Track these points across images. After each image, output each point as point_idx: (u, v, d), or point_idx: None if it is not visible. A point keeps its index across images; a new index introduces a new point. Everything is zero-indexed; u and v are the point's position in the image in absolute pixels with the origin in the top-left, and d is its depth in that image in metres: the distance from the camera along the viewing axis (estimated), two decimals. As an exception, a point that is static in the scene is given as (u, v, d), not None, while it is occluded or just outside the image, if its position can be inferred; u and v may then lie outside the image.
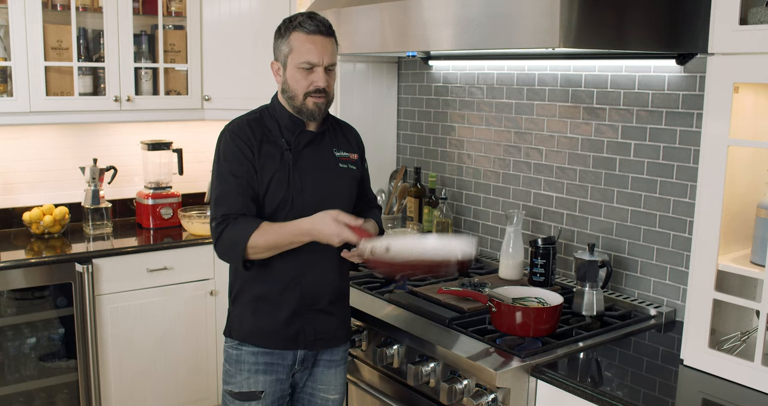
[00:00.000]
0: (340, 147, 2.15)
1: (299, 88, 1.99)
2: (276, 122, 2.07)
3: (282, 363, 2.10)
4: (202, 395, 3.35)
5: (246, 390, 2.08)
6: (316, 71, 1.97)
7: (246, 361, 2.09)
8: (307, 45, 1.96)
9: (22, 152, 3.41)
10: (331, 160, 2.12)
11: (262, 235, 1.93)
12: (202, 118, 3.55)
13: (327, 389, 2.19)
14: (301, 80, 1.98)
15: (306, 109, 2.01)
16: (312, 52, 1.96)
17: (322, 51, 1.96)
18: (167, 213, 3.50)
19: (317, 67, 1.97)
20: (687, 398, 1.82)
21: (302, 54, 1.96)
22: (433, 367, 2.06)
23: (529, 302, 2.15)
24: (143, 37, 3.43)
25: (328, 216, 1.89)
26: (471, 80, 2.99)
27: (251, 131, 2.03)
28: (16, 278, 2.89)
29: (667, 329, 2.26)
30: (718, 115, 1.79)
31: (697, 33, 2.08)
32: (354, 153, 2.18)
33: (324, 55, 1.97)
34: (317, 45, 1.96)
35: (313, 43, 1.96)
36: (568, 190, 2.64)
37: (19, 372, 3.00)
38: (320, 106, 2.01)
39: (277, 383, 2.11)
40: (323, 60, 1.97)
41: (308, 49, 1.96)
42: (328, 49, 1.98)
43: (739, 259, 1.88)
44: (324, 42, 1.97)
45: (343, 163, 2.13)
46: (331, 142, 2.14)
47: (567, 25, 1.82)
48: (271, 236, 1.94)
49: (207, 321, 3.30)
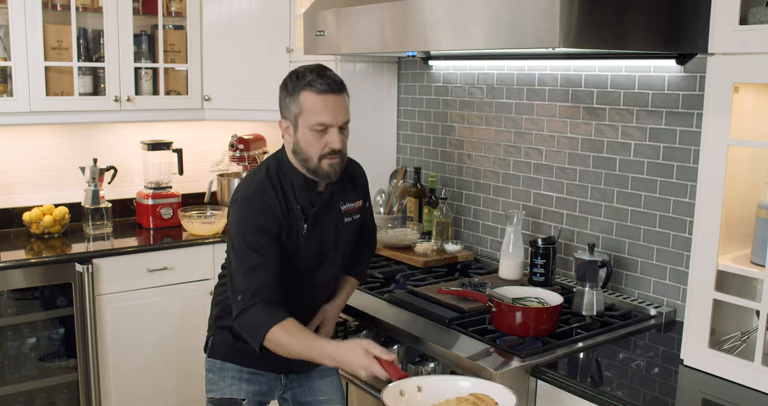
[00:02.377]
0: (346, 199, 2.05)
1: (313, 150, 1.86)
2: (290, 184, 1.93)
3: (266, 374, 2.09)
4: (202, 395, 3.34)
5: (228, 397, 2.06)
6: (331, 132, 1.85)
7: (230, 369, 2.08)
8: (318, 105, 1.82)
9: (22, 152, 3.41)
10: (338, 217, 2.03)
11: (285, 336, 1.77)
12: (202, 118, 3.55)
13: (329, 399, 2.18)
14: (315, 143, 1.85)
15: (321, 171, 1.89)
16: (325, 113, 1.82)
17: (336, 111, 1.84)
18: (167, 213, 3.50)
19: (331, 129, 1.85)
20: (687, 398, 1.82)
21: (315, 115, 1.83)
22: (433, 367, 2.06)
23: (529, 302, 2.15)
24: (143, 37, 3.43)
25: (359, 347, 1.70)
26: (471, 80, 2.99)
27: (274, 200, 1.89)
28: (16, 278, 2.89)
29: (667, 329, 2.26)
30: (718, 115, 1.79)
31: (697, 33, 2.08)
32: (359, 200, 2.10)
33: (338, 115, 1.84)
34: (330, 105, 1.83)
35: (325, 104, 1.82)
36: (568, 190, 2.64)
37: (19, 372, 3.00)
38: (336, 167, 1.89)
39: (259, 394, 2.09)
40: (337, 120, 1.84)
41: (320, 110, 1.82)
42: (341, 108, 1.85)
43: (739, 259, 1.87)
44: (337, 101, 1.84)
45: (348, 217, 2.06)
46: (338, 196, 2.03)
47: (567, 25, 1.82)
48: (293, 343, 1.77)
49: (206, 321, 3.29)
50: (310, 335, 1.81)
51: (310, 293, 2.06)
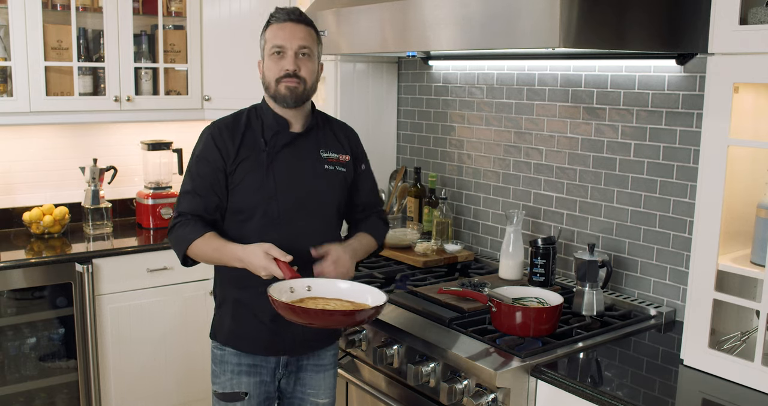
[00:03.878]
0: (328, 148, 2.11)
1: (270, 74, 1.99)
2: (260, 121, 2.06)
3: (265, 366, 2.10)
4: (202, 394, 3.34)
5: (230, 391, 2.08)
6: (287, 56, 1.97)
7: (229, 362, 2.09)
8: (276, 32, 1.98)
9: (22, 152, 3.41)
10: (314, 161, 2.07)
11: (202, 247, 1.97)
12: (202, 118, 3.55)
13: (316, 393, 2.17)
14: (272, 67, 1.98)
15: (279, 94, 1.99)
16: (279, 37, 1.97)
17: (291, 35, 1.97)
18: (167, 213, 3.50)
19: (287, 52, 1.97)
20: (687, 398, 1.82)
21: (271, 41, 1.98)
22: (433, 367, 2.06)
23: (529, 302, 2.15)
24: (143, 37, 3.43)
25: (260, 248, 1.87)
26: (471, 80, 2.99)
27: (229, 134, 2.03)
28: (16, 278, 2.89)
29: (667, 329, 2.26)
30: (718, 115, 1.79)
31: (697, 33, 2.08)
32: (345, 154, 2.13)
33: (293, 39, 1.97)
34: (286, 30, 1.97)
35: (281, 29, 1.98)
36: (568, 190, 2.64)
37: (19, 372, 3.00)
38: (293, 90, 1.98)
39: (261, 385, 2.10)
40: (292, 43, 1.97)
41: (276, 35, 1.98)
42: (297, 34, 1.98)
43: (739, 259, 1.87)
44: (294, 28, 1.98)
45: (329, 165, 2.09)
46: (316, 142, 2.09)
47: (567, 25, 1.82)
48: (208, 251, 1.97)
49: (206, 321, 3.25)
50: (223, 241, 1.96)
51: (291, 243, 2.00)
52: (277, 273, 1.85)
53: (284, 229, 2.02)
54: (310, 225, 2.05)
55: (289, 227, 2.02)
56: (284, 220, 2.02)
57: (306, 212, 2.04)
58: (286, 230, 2.02)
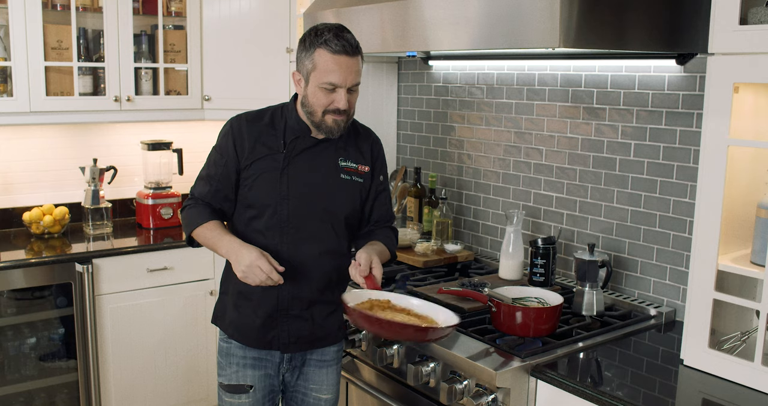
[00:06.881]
0: (348, 157, 2.07)
1: (318, 103, 1.93)
2: (284, 122, 2.04)
3: (270, 360, 2.11)
4: (202, 394, 3.35)
5: (235, 383, 2.10)
6: (339, 92, 1.91)
7: (235, 354, 2.10)
8: (331, 65, 1.88)
9: (22, 152, 3.41)
10: (331, 169, 2.05)
11: (203, 233, 2.02)
12: (202, 118, 3.55)
13: (319, 388, 2.18)
14: (322, 98, 1.92)
15: (325, 125, 1.96)
16: (335, 74, 1.88)
17: (347, 73, 1.89)
18: (167, 213, 3.50)
19: (340, 89, 1.91)
20: (687, 398, 1.82)
21: (325, 74, 1.89)
22: (433, 367, 2.06)
23: (529, 302, 2.15)
24: (143, 37, 3.43)
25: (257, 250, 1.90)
26: (471, 80, 2.99)
27: (249, 128, 2.03)
28: (16, 278, 2.89)
29: (667, 329, 2.26)
30: (718, 115, 1.79)
31: (697, 33, 2.08)
32: (365, 165, 2.10)
33: (348, 77, 1.90)
34: (342, 67, 1.88)
35: (337, 65, 1.88)
36: (568, 190, 2.64)
37: (19, 372, 3.00)
38: (340, 123, 1.95)
39: (266, 378, 2.11)
40: (347, 82, 1.90)
41: (332, 70, 1.88)
42: (352, 70, 1.90)
43: (739, 259, 1.87)
44: (349, 63, 1.89)
45: (346, 174, 2.06)
46: (337, 150, 2.06)
47: (567, 25, 1.82)
48: (208, 238, 2.01)
49: (207, 321, 3.29)
50: (224, 232, 2.00)
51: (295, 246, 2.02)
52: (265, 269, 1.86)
53: (291, 232, 2.02)
54: (317, 232, 2.04)
55: (296, 230, 2.02)
56: (292, 223, 2.02)
57: (315, 218, 2.03)
58: (293, 233, 2.02)
